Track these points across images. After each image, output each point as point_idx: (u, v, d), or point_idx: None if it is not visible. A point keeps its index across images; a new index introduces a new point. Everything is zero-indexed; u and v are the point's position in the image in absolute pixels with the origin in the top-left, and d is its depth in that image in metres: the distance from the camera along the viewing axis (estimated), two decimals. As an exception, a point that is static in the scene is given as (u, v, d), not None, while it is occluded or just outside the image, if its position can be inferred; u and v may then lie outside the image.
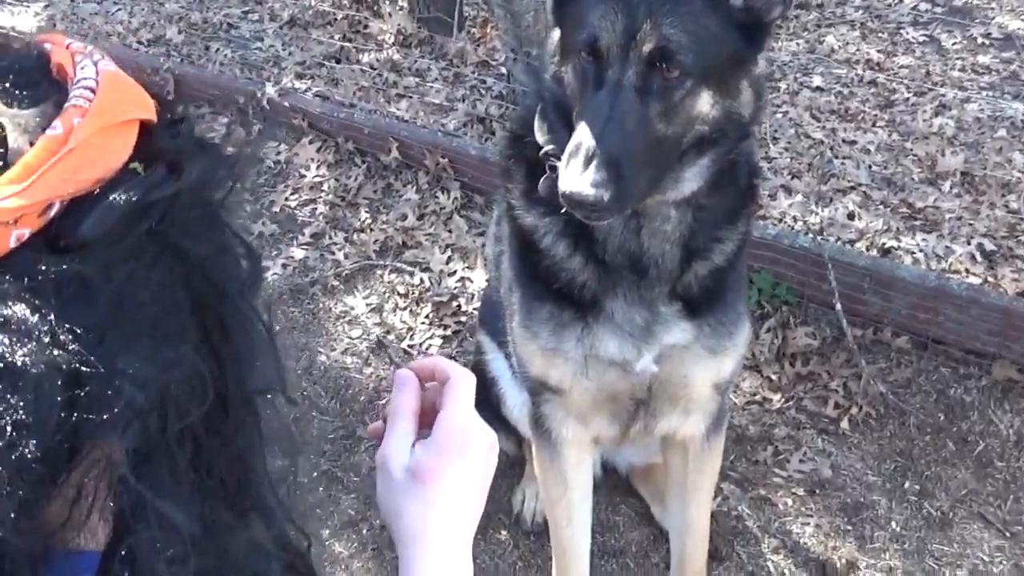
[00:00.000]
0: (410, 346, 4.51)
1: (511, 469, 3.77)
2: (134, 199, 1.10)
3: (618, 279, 2.66)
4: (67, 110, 1.09)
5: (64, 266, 1.06)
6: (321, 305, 4.76)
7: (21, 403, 1.01)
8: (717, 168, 2.49)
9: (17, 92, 1.12)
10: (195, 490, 1.19)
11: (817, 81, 6.01)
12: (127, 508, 1.12)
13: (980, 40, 6.47)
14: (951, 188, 5.03)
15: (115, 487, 1.13)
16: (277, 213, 5.31)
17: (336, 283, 4.86)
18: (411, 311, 4.68)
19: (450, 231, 5.05)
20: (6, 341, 1.02)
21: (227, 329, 1.23)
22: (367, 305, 4.75)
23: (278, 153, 5.64)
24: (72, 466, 1.10)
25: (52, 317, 1.04)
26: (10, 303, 1.03)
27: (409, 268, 4.90)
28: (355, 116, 5.64)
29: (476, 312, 4.20)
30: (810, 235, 4.61)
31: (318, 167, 5.52)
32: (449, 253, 4.93)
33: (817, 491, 3.81)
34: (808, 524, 3.71)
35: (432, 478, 1.45)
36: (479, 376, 3.43)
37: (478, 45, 6.55)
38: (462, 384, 1.53)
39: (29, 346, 1.02)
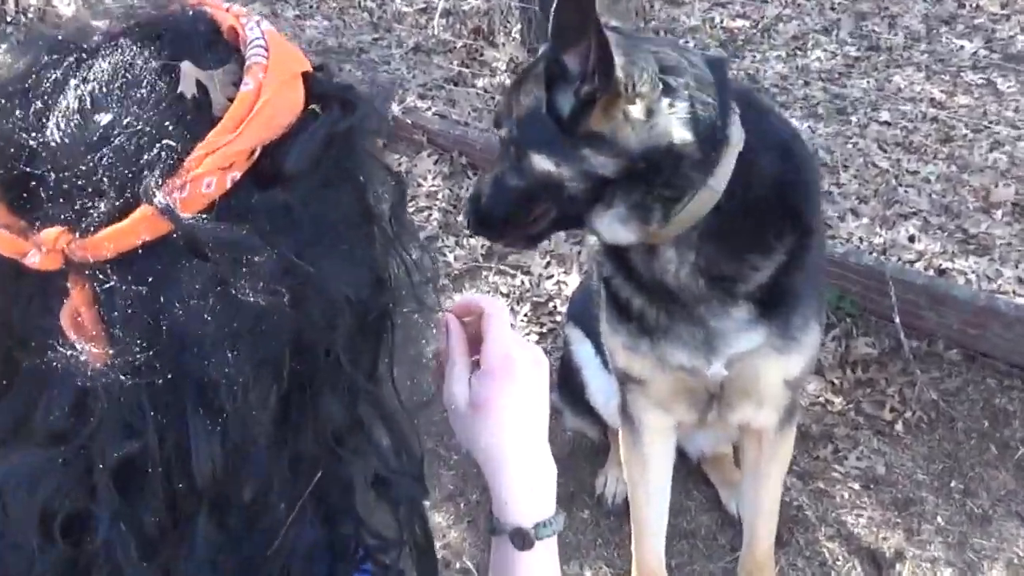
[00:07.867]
0: (510, 341, 4.47)
1: (595, 455, 3.77)
2: (322, 135, 1.16)
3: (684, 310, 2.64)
4: (251, 68, 1.14)
5: (272, 199, 1.13)
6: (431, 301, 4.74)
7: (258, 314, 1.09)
8: None
9: (202, 55, 1.16)
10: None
11: (884, 116, 5.95)
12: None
13: (1033, 84, 6.35)
14: (1002, 216, 4.99)
15: None
16: (396, 218, 5.28)
17: (446, 282, 4.83)
18: (512, 309, 4.67)
19: (549, 239, 4.98)
20: (239, 263, 1.08)
21: (385, 240, 1.29)
22: (473, 302, 4.69)
23: (399, 164, 5.63)
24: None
25: (272, 240, 1.10)
26: (235, 230, 1.08)
27: (512, 271, 4.89)
28: (469, 134, 5.65)
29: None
30: (874, 254, 4.60)
31: (434, 178, 5.53)
32: (548, 259, 4.91)
33: (871, 486, 3.78)
34: (861, 516, 3.69)
35: (492, 406, 1.50)
36: (566, 365, 3.53)
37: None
38: (497, 313, 1.57)
39: (262, 265, 1.09)
